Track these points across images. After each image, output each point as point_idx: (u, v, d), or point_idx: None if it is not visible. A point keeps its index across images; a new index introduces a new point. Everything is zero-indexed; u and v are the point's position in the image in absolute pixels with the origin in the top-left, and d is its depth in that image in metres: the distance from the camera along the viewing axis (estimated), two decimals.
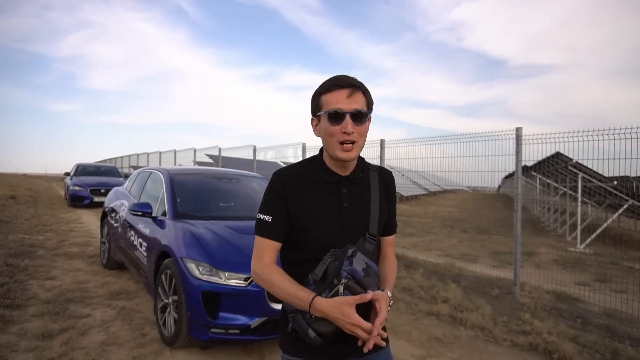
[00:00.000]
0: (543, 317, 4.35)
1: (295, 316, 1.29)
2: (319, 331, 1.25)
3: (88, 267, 5.95)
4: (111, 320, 4.00)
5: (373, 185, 1.45)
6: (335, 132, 1.32)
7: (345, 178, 1.42)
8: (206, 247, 3.44)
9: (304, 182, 1.41)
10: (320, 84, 1.38)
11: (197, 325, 3.22)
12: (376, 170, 1.50)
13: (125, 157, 26.31)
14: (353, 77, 1.36)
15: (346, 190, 1.41)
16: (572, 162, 8.74)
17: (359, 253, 1.28)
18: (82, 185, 13.50)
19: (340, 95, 1.32)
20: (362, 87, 1.35)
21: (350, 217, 1.39)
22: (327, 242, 1.35)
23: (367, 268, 1.26)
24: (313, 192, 1.40)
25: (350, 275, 1.23)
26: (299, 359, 1.39)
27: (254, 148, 11.71)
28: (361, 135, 1.34)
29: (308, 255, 1.35)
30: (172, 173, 4.69)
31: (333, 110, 1.32)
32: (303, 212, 1.37)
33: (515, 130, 5.18)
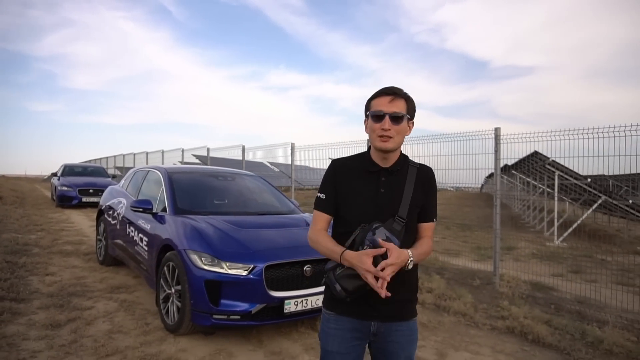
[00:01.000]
0: (520, 304, 4.69)
1: (328, 274, 1.63)
2: (343, 286, 1.58)
3: (85, 264, 6.10)
4: (114, 312, 4.20)
5: (409, 178, 1.72)
6: (376, 129, 1.65)
7: (385, 169, 1.71)
8: (208, 239, 3.68)
9: (352, 169, 1.74)
10: (374, 93, 1.71)
11: (201, 312, 3.46)
12: (416, 167, 1.77)
13: (111, 158, 26.18)
14: (399, 88, 1.68)
15: (384, 179, 1.70)
16: (549, 161, 9.16)
17: (382, 227, 1.58)
18: (70, 186, 13.50)
19: (384, 100, 1.65)
20: (404, 95, 1.67)
21: (384, 201, 1.68)
22: (364, 219, 1.64)
23: (387, 240, 1.54)
24: (357, 178, 1.71)
25: (372, 244, 1.54)
26: (332, 313, 1.73)
27: (242, 148, 11.91)
28: (397, 132, 1.65)
29: (349, 228, 1.66)
30: (170, 171, 4.90)
31: (376, 112, 1.65)
32: (347, 193, 1.69)
33: (494, 130, 5.52)
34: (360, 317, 1.67)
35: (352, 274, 1.56)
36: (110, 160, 26.35)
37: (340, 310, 1.69)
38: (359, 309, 1.66)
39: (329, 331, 1.72)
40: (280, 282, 3.55)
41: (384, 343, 1.70)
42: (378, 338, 1.70)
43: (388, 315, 1.68)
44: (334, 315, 1.71)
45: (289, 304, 3.53)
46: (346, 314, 1.69)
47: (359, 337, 1.70)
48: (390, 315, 1.68)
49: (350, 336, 1.69)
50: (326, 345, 1.73)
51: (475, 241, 9.44)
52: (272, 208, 4.96)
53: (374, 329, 1.68)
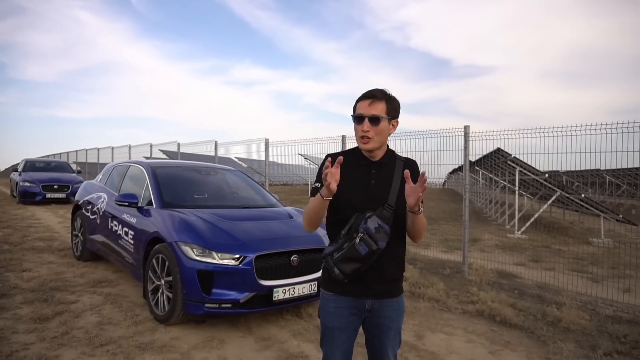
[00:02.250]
0: (487, 290, 5.06)
1: (327, 259, 1.81)
2: (341, 269, 1.77)
3: (60, 260, 6.04)
4: (101, 305, 4.25)
5: (397, 169, 1.92)
6: (358, 130, 1.84)
7: (375, 162, 1.91)
8: (198, 231, 3.80)
9: (346, 163, 1.85)
10: (360, 95, 1.87)
11: (193, 301, 3.59)
12: (402, 160, 1.97)
13: (72, 153, 25.22)
14: (381, 90, 1.84)
15: (374, 171, 1.89)
16: (510, 157, 9.71)
17: (374, 216, 1.77)
18: (32, 181, 13.05)
19: (364, 104, 1.83)
20: (384, 97, 1.83)
21: (375, 190, 1.87)
22: (357, 207, 1.83)
23: (379, 227, 1.75)
24: (349, 170, 1.87)
25: (365, 232, 1.73)
26: (330, 293, 1.90)
27: (215, 144, 11.87)
28: (376, 133, 1.82)
29: (342, 216, 1.85)
30: (154, 166, 4.96)
31: (356, 115, 1.83)
32: (341, 184, 1.82)
33: (464, 127, 5.87)
34: (356, 296, 1.86)
35: (349, 256, 1.75)
36: (71, 155, 25.39)
37: (338, 291, 1.87)
38: (355, 288, 1.85)
39: (328, 309, 1.91)
40: (269, 271, 3.73)
41: (377, 318, 1.90)
42: (372, 314, 1.90)
43: (380, 293, 1.88)
44: (333, 295, 1.89)
45: (277, 292, 3.72)
46: (343, 293, 1.87)
47: (355, 313, 1.89)
48: (383, 293, 1.89)
49: (348, 313, 1.88)
50: (327, 322, 1.91)
51: (443, 234, 9.89)
52: (255, 202, 5.11)
53: (368, 306, 1.88)
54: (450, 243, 8.61)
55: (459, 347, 3.65)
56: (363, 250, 1.73)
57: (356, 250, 1.74)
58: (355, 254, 1.74)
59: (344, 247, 1.77)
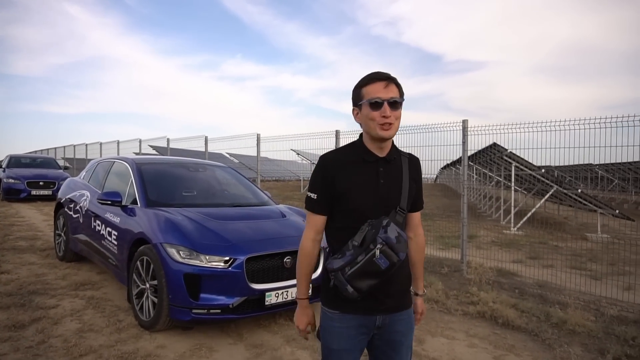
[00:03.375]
0: (487, 290, 4.89)
1: (337, 274, 1.55)
2: (356, 286, 1.53)
3: (42, 260, 5.77)
4: (82, 310, 4.01)
5: (404, 167, 1.70)
6: (376, 117, 1.58)
7: (382, 158, 1.66)
8: (185, 232, 3.57)
9: (346, 162, 1.65)
10: (361, 79, 1.64)
11: (179, 307, 3.36)
12: (406, 156, 1.74)
13: (60, 149, 24.77)
14: (388, 73, 1.62)
15: (383, 169, 1.65)
16: (506, 152, 9.56)
17: (392, 224, 1.54)
18: (17, 178, 12.67)
19: (379, 87, 1.58)
20: (395, 80, 1.61)
21: (385, 192, 1.63)
22: (365, 212, 1.59)
23: (399, 236, 1.52)
24: (354, 169, 1.64)
25: (385, 242, 1.50)
26: (336, 312, 1.65)
27: (205, 139, 11.61)
28: (396, 118, 1.60)
29: (349, 223, 1.61)
30: (139, 162, 4.70)
31: (374, 99, 1.57)
32: (346, 187, 1.61)
33: (462, 122, 5.68)
34: (366, 313, 1.64)
35: (367, 271, 1.52)
36: (59, 151, 24.93)
37: (346, 309, 1.64)
38: (365, 305, 1.62)
39: (332, 330, 1.66)
40: (260, 274, 3.51)
41: (388, 334, 1.69)
42: (382, 330, 1.68)
43: (392, 307, 1.67)
44: (339, 314, 1.65)
45: (269, 296, 3.50)
46: (352, 311, 1.63)
47: (364, 332, 1.67)
48: (394, 307, 1.67)
49: (356, 332, 1.65)
50: (332, 344, 1.67)
51: (438, 230, 9.73)
52: (246, 200, 4.88)
53: (379, 322, 1.66)
54: (447, 240, 8.45)
55: (461, 352, 3.47)
56: (384, 264, 1.50)
57: (375, 264, 1.50)
58: (374, 268, 1.51)
59: (359, 261, 1.52)
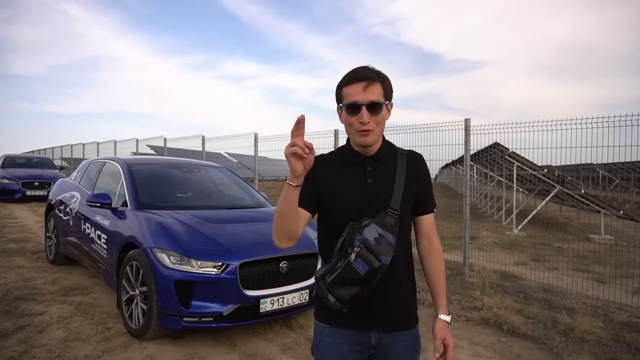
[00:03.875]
0: (491, 294, 4.74)
1: (319, 284, 1.41)
2: (337, 296, 1.37)
3: (32, 264, 5.61)
4: (70, 317, 3.85)
5: (400, 165, 1.53)
6: (353, 122, 1.43)
7: (370, 157, 1.51)
8: (175, 236, 3.41)
9: (333, 163, 1.53)
10: (343, 76, 1.47)
11: (169, 315, 3.20)
12: (405, 153, 1.57)
13: (57, 148, 24.60)
14: (372, 69, 1.44)
15: (370, 168, 1.50)
16: (508, 152, 9.40)
17: (373, 224, 1.38)
18: (12, 178, 12.50)
19: (357, 88, 1.41)
20: (379, 78, 1.44)
21: (373, 192, 1.47)
22: (352, 215, 1.44)
23: (380, 237, 1.36)
24: (339, 170, 1.51)
25: (362, 244, 1.34)
26: (326, 326, 1.50)
27: (202, 138, 11.47)
28: (377, 123, 1.44)
29: (336, 227, 1.46)
30: (130, 163, 4.54)
31: (350, 103, 1.42)
32: (330, 188, 1.47)
33: (464, 121, 5.52)
34: (359, 329, 1.48)
35: (345, 278, 1.36)
36: (56, 151, 24.76)
37: (336, 322, 1.48)
38: (357, 319, 1.46)
39: (323, 346, 1.51)
40: (255, 280, 3.35)
41: (387, 356, 1.51)
42: (379, 351, 1.50)
43: (390, 324, 1.49)
44: (329, 327, 1.50)
45: (264, 303, 3.34)
46: (343, 325, 1.48)
47: (358, 350, 1.50)
48: (393, 324, 1.50)
49: (349, 350, 1.49)
50: None
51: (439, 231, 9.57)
52: (241, 201, 4.72)
53: (374, 341, 1.49)
54: (448, 241, 8.29)
55: None
56: (362, 269, 1.34)
57: (353, 270, 1.35)
58: (352, 274, 1.35)
59: (338, 267, 1.38)
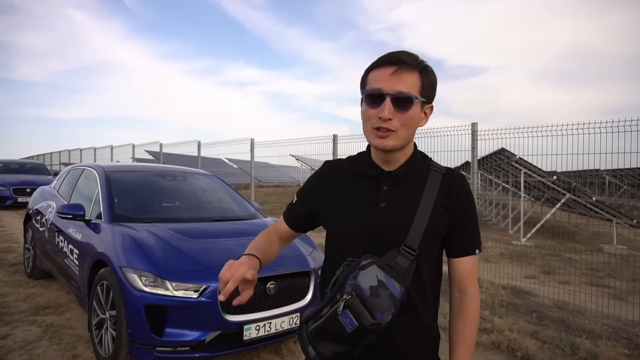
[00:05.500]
0: (502, 314, 4.34)
1: (301, 329, 1.10)
2: (317, 350, 1.04)
3: (9, 277, 5.24)
4: (36, 341, 3.47)
5: (429, 188, 1.16)
6: (372, 116, 1.08)
7: (388, 173, 1.16)
8: (149, 253, 3.04)
9: (345, 173, 1.22)
10: (374, 60, 1.12)
11: (140, 344, 2.82)
12: (440, 172, 1.20)
13: (55, 154, 24.39)
14: (413, 55, 1.09)
15: (387, 188, 1.15)
16: (515, 158, 9.03)
17: (374, 266, 1.02)
18: (3, 184, 12.17)
19: (384, 73, 1.07)
20: (417, 66, 1.09)
21: (386, 220, 1.13)
22: (355, 245, 1.12)
23: (378, 287, 1.00)
24: (350, 185, 1.19)
25: (354, 292, 1.00)
26: None
27: (198, 144, 11.16)
28: (403, 124, 1.08)
29: (337, 255, 1.14)
30: (108, 170, 4.18)
31: (372, 90, 1.06)
32: (335, 206, 1.19)
33: (471, 125, 5.17)
34: None
35: (327, 331, 1.03)
36: (54, 157, 24.55)
37: None
38: None
39: None
40: None
41: None
42: None
43: None
44: None
45: (249, 329, 2.96)
46: None
47: None
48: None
49: None
50: None
51: None
52: (229, 213, 4.34)
53: None
54: None
55: None
56: (349, 324, 0.99)
57: (338, 323, 1.00)
58: (337, 328, 1.00)
59: (323, 315, 1.04)
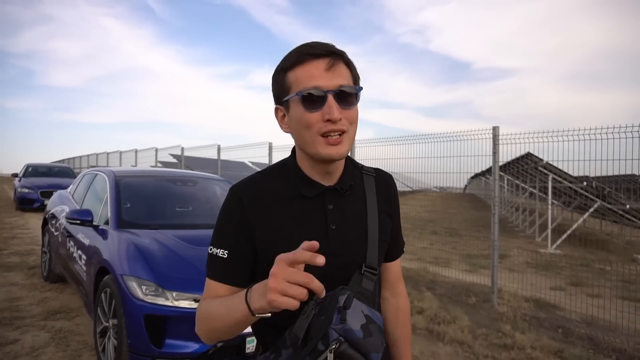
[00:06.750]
0: (524, 329, 4.10)
1: None
2: None
3: (26, 280, 5.31)
4: (43, 347, 3.45)
5: (370, 196, 1.04)
6: (314, 122, 0.92)
7: (331, 189, 1.01)
8: (151, 262, 2.96)
9: (272, 197, 1.00)
10: (284, 57, 0.97)
11: (139, 355, 2.74)
12: (372, 175, 1.09)
13: (84, 157, 25.02)
14: (329, 43, 0.95)
15: (332, 206, 1.00)
16: (542, 163, 8.67)
17: (355, 300, 0.87)
18: (31, 187, 12.54)
19: (316, 68, 0.92)
20: (344, 55, 0.95)
21: (339, 244, 0.98)
22: None
23: (368, 324, 0.85)
24: (286, 211, 0.99)
25: (344, 337, 0.83)
26: None
27: (217, 148, 11.19)
28: (351, 122, 0.95)
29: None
30: (119, 175, 4.16)
31: (308, 91, 0.91)
32: (272, 242, 0.96)
33: (492, 129, 4.93)
34: None
35: None
36: (83, 160, 25.21)
37: None
38: None
39: None
40: None
41: None
42: None
43: None
44: None
45: (251, 341, 2.85)
46: None
47: None
48: None
49: None
50: None
51: (465, 248, 8.89)
52: None
53: None
54: (474, 260, 7.62)
55: None
56: None
57: None
58: None
59: None
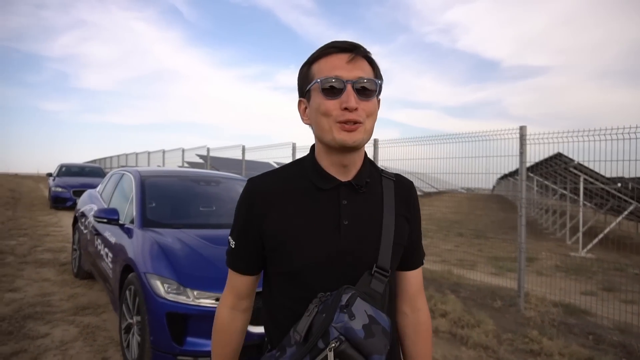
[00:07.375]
0: (552, 334, 3.97)
1: None
2: None
3: (57, 277, 5.49)
4: (71, 341, 3.56)
5: (387, 198, 1.03)
6: (332, 109, 0.93)
7: (347, 184, 1.01)
8: (173, 261, 3.01)
9: (286, 191, 1.02)
10: (312, 54, 1.00)
11: (161, 352, 2.79)
12: (392, 179, 1.08)
13: (114, 157, 25.76)
14: (356, 43, 0.96)
15: (347, 201, 1.00)
16: (573, 164, 8.39)
17: (359, 300, 0.87)
18: (64, 187, 12.99)
19: (338, 60, 0.94)
20: (366, 52, 0.97)
21: (351, 241, 0.97)
22: (318, 277, 0.95)
23: (371, 324, 0.84)
24: (299, 203, 1.00)
25: (345, 336, 0.82)
26: None
27: (242, 148, 11.31)
28: (368, 115, 0.95)
29: (292, 294, 0.97)
30: (144, 175, 4.25)
31: (328, 80, 0.92)
32: (283, 234, 0.98)
33: (519, 129, 4.80)
34: None
35: None
36: (114, 160, 25.95)
37: None
38: None
39: None
40: None
41: None
42: None
43: None
44: None
45: None
46: None
47: None
48: None
49: None
50: None
51: (491, 250, 8.70)
52: None
53: None
54: (501, 263, 7.45)
55: None
56: None
57: None
58: None
59: None
